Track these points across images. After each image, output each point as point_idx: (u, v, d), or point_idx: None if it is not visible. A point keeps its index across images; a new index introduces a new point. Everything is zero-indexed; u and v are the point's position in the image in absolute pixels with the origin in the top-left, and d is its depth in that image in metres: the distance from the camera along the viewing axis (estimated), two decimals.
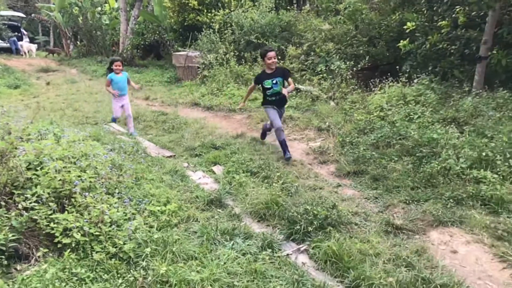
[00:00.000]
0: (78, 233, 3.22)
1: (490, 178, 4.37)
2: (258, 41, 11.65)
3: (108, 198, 3.77)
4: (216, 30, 12.65)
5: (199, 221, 3.97)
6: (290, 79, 6.20)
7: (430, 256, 3.40)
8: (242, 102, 7.09)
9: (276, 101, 6.13)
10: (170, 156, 6.17)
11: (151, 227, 3.64)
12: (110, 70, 7.67)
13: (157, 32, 17.24)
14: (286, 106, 6.68)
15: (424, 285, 2.94)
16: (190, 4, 14.52)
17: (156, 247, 3.29)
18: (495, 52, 7.10)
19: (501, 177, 4.42)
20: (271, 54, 6.04)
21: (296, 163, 5.83)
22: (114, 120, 7.90)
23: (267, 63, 6.07)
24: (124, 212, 3.65)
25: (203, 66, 12.13)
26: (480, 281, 3.14)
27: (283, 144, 5.98)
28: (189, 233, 3.73)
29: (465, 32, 7.80)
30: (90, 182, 3.79)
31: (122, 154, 5.19)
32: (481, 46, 7.17)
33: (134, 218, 3.66)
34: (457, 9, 7.68)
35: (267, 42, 11.57)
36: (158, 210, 3.99)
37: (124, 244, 3.27)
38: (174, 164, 5.61)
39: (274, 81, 6.04)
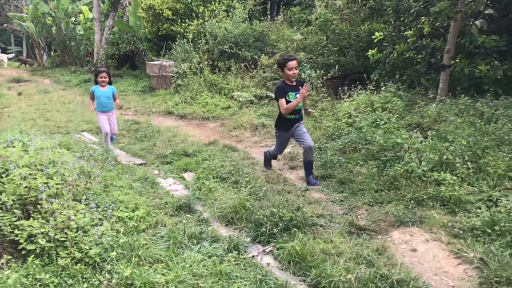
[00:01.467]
0: (43, 239, 3.22)
1: (449, 180, 4.55)
2: (232, 50, 11.80)
3: (75, 204, 3.77)
4: (190, 39, 12.74)
5: (167, 226, 4.02)
6: None
7: (390, 255, 3.52)
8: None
9: (294, 119, 5.23)
10: (141, 164, 6.18)
11: (118, 232, 3.66)
12: (96, 82, 6.81)
13: (132, 42, 17.23)
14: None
15: (382, 281, 3.05)
16: (164, 14, 14.56)
17: (122, 251, 3.33)
18: (458, 61, 7.39)
19: (460, 179, 4.61)
20: (293, 63, 4.98)
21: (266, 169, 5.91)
22: (106, 136, 6.72)
23: (287, 74, 5.02)
24: (91, 218, 3.65)
25: (177, 75, 12.17)
26: (436, 277, 3.28)
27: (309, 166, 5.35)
28: (157, 238, 3.77)
29: (430, 42, 8.07)
30: (57, 188, 3.79)
31: (91, 161, 5.19)
32: (444, 55, 7.44)
33: (101, 224, 3.67)
34: (422, 20, 7.97)
35: (240, 52, 11.73)
36: (126, 216, 4.01)
37: (90, 249, 3.29)
38: (144, 171, 5.64)
39: (298, 95, 5.09)
